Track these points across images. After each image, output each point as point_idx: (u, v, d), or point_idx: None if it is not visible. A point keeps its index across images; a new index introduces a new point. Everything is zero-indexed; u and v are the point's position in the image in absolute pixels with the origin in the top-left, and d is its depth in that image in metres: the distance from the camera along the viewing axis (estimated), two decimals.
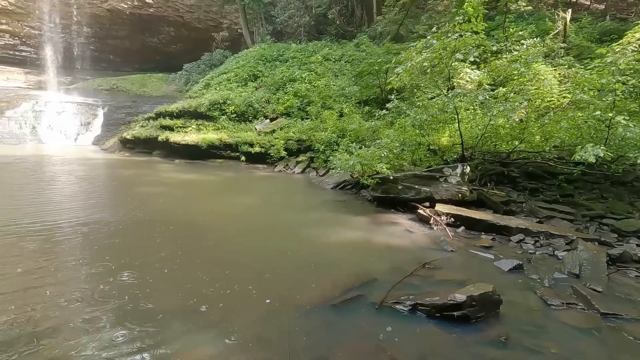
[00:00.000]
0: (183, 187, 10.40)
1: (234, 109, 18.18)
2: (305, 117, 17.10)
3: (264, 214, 7.63)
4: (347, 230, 6.40)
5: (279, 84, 19.61)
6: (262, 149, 15.53)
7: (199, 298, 3.66)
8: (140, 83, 31.61)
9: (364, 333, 3.19)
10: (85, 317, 3.20)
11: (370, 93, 16.28)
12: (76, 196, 8.62)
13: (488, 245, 5.58)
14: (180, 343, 2.90)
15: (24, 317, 3.15)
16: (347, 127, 13.55)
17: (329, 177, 11.71)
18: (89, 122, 24.83)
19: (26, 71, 31.38)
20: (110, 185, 10.97)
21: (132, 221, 6.36)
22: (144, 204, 7.86)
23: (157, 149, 18.33)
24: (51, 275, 4.06)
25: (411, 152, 9.87)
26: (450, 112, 9.14)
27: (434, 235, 6.17)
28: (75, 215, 6.58)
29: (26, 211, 6.65)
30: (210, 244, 5.42)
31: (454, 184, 7.61)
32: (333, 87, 17.97)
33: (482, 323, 3.39)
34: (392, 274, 4.41)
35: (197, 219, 6.82)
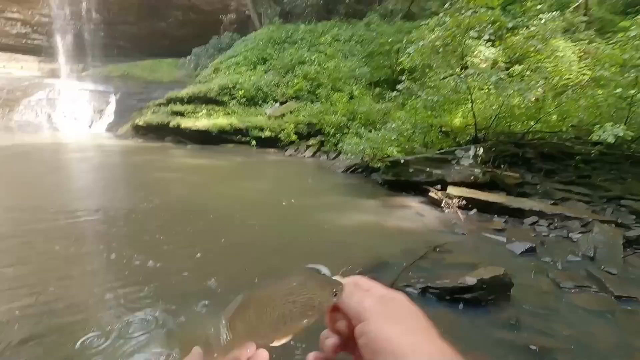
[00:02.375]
0: (196, 172, 10.53)
1: (243, 94, 18.11)
2: (315, 100, 16.92)
3: (276, 197, 7.69)
4: (358, 214, 6.42)
5: (288, 67, 19.37)
6: (272, 133, 15.52)
7: (216, 279, 3.76)
8: (150, 69, 31.64)
9: None
10: (109, 297, 3.33)
11: (381, 74, 15.96)
12: (94, 183, 8.84)
13: (500, 228, 5.54)
14: (195, 325, 3.00)
15: (53, 295, 3.30)
16: (357, 109, 13.39)
17: (339, 161, 11.67)
18: (102, 109, 25.14)
19: (39, 59, 31.71)
20: (126, 171, 11.19)
21: (149, 207, 6.50)
22: (159, 189, 8.02)
23: (169, 135, 18.50)
24: (76, 259, 4.21)
25: (423, 134, 9.72)
26: (463, 93, 8.92)
27: (446, 219, 6.14)
28: (94, 202, 6.76)
29: (47, 199, 6.86)
30: (224, 228, 5.51)
31: (466, 166, 7.50)
32: (343, 69, 17.65)
33: (493, 306, 3.40)
34: (403, 257, 4.43)
35: (211, 203, 6.93)
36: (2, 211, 5.87)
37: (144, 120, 19.64)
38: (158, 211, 6.26)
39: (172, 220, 5.83)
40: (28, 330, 2.83)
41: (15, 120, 21.75)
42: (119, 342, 2.70)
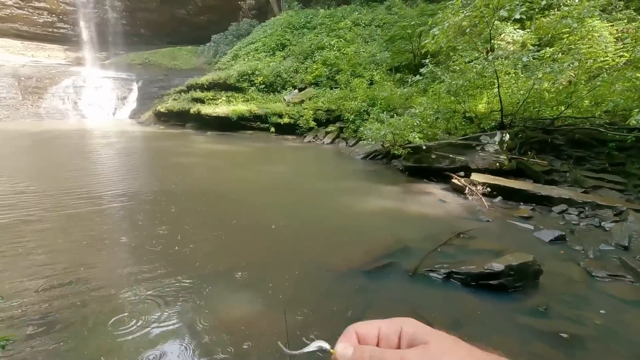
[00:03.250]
0: (216, 158, 10.66)
1: (262, 80, 18.09)
2: (334, 86, 16.73)
3: (295, 183, 7.70)
4: (379, 200, 6.36)
5: (307, 53, 19.16)
6: (291, 119, 15.50)
7: (236, 261, 3.81)
8: (170, 56, 32.02)
9: (397, 299, 3.21)
10: (132, 272, 3.43)
11: (402, 59, 15.55)
12: (119, 168, 9.08)
13: (527, 216, 5.36)
14: (219, 301, 3.06)
15: (80, 271, 3.43)
16: (377, 95, 13.14)
17: (359, 147, 11.56)
18: (125, 97, 25.72)
19: (65, 48, 32.58)
20: (149, 157, 11.45)
21: (171, 191, 6.64)
22: (180, 174, 8.17)
23: (190, 121, 18.78)
24: (103, 239, 4.36)
25: (445, 120, 9.47)
26: (489, 77, 8.57)
27: (469, 205, 6.00)
28: (119, 186, 6.95)
29: (75, 182, 7.11)
30: (244, 212, 5.57)
31: (491, 152, 7.27)
32: (363, 54, 17.31)
33: (520, 293, 3.31)
34: (425, 243, 4.36)
35: (232, 188, 7.02)
36: (35, 195, 6.12)
37: (165, 107, 19.98)
38: (180, 195, 6.39)
39: (193, 203, 5.94)
40: (61, 306, 2.96)
41: (44, 107, 22.54)
42: (144, 319, 2.78)
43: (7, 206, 5.37)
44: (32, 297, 3.02)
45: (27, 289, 3.14)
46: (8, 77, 22.99)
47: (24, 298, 2.99)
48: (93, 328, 2.65)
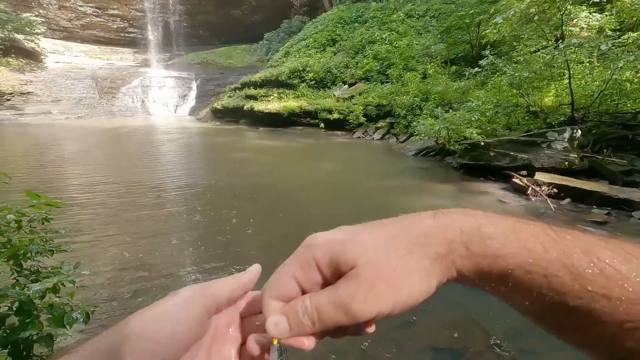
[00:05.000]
0: (268, 153, 11.02)
1: (312, 76, 18.28)
2: (385, 80, 16.40)
3: (344, 179, 7.71)
4: (431, 198, 6.14)
5: (357, 47, 18.98)
6: (340, 115, 15.50)
7: (286, 256, 3.92)
8: (226, 55, 33.56)
9: (451, 302, 3.09)
10: (194, 259, 3.69)
11: (459, 50, 14.78)
12: (180, 162, 9.77)
13: (601, 221, 4.86)
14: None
15: (146, 253, 3.77)
16: (431, 89, 12.65)
17: (410, 144, 11.24)
18: (185, 95, 27.46)
19: (134, 50, 35.61)
20: (207, 151, 12.15)
21: (227, 183, 7.00)
22: (235, 168, 8.57)
23: (243, 118, 19.58)
24: (166, 227, 4.74)
25: (506, 115, 8.85)
26: (558, 67, 7.85)
27: (532, 207, 5.57)
28: (179, 179, 7.48)
29: (143, 175, 7.78)
30: (295, 206, 5.70)
31: (559, 150, 6.66)
32: (416, 47, 16.75)
33: None
34: None
35: (283, 182, 7.21)
36: (109, 186, 6.81)
37: (221, 104, 21.02)
38: (234, 188, 6.70)
39: (246, 196, 6.20)
40: (131, 284, 3.27)
41: (117, 106, 24.85)
42: None
43: (88, 194, 6.04)
44: (108, 275, 3.38)
45: (103, 269, 3.52)
46: (88, 79, 25.69)
47: (101, 277, 3.35)
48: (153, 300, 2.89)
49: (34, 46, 25.68)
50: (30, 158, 9.49)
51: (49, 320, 1.77)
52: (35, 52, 25.85)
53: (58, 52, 30.37)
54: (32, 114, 20.90)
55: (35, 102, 21.81)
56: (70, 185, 6.82)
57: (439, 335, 2.68)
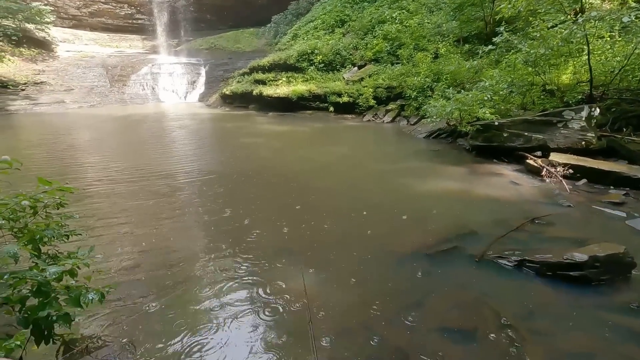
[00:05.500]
0: (278, 138, 11.00)
1: (321, 59, 17.98)
2: (395, 61, 16.03)
3: (355, 163, 7.66)
4: (443, 181, 6.07)
5: (367, 28, 18.51)
6: (350, 98, 15.28)
7: (300, 239, 3.96)
8: (234, 40, 33.18)
9: (462, 284, 3.09)
10: (206, 246, 3.76)
11: (472, 28, 14.27)
12: (192, 148, 9.83)
13: (619, 202, 4.73)
14: (281, 277, 3.21)
15: (162, 238, 3.85)
16: (443, 69, 12.31)
17: (421, 126, 11.06)
18: (195, 81, 27.41)
19: (143, 37, 35.50)
20: (217, 137, 12.20)
21: (238, 170, 7.04)
22: (246, 154, 8.60)
23: (252, 103, 19.50)
24: (178, 213, 4.81)
25: (521, 94, 8.57)
26: (577, 43, 7.52)
27: (546, 188, 5.46)
28: (190, 165, 7.55)
29: (154, 161, 7.88)
30: (307, 193, 5.70)
31: (576, 129, 6.46)
32: (427, 25, 16.23)
33: (607, 287, 2.98)
34: (493, 228, 4.10)
35: (293, 167, 7.21)
36: (122, 173, 6.92)
37: (230, 90, 20.93)
38: (245, 174, 6.73)
39: (257, 181, 6.23)
40: (146, 269, 3.35)
41: (127, 93, 25.00)
42: (212, 287, 3.04)
43: (101, 182, 6.16)
44: (123, 258, 3.47)
45: (118, 254, 3.61)
46: (99, 67, 25.83)
47: (116, 261, 3.45)
48: (172, 286, 2.97)
49: (45, 35, 25.84)
50: (45, 147, 9.69)
51: (66, 301, 1.84)
52: (46, 42, 26.03)
53: (68, 40, 30.51)
54: (47, 103, 21.23)
55: (49, 92, 22.11)
56: (84, 173, 6.96)
57: (449, 316, 2.69)
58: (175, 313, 2.69)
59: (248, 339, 2.42)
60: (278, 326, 2.55)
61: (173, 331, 2.48)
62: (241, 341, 2.40)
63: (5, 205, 2.05)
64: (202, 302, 2.82)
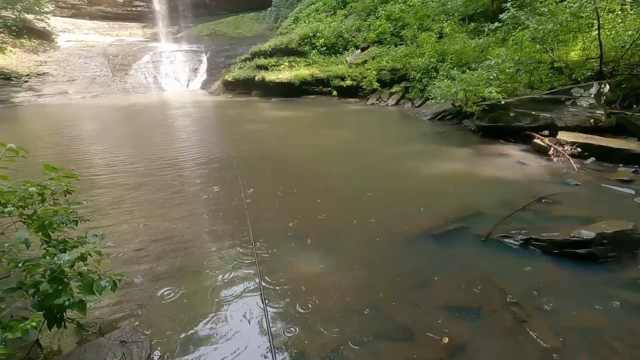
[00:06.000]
0: (281, 124, 10.95)
1: (323, 42, 17.67)
2: (399, 42, 15.71)
3: (360, 147, 7.62)
4: (448, 162, 6.03)
5: (369, 8, 18.09)
6: (353, 81, 15.08)
7: (306, 224, 3.98)
8: (234, 25, 32.69)
9: (468, 264, 3.10)
10: (213, 232, 3.80)
11: (478, 5, 13.88)
12: (195, 136, 9.83)
13: (627, 179, 4.67)
14: (290, 260, 3.25)
15: (170, 225, 3.90)
16: (448, 49, 12.05)
17: (425, 108, 10.92)
18: (196, 68, 27.20)
19: (142, 25, 35.07)
20: (220, 125, 12.17)
21: (242, 157, 7.03)
22: (249, 140, 8.58)
23: (255, 89, 19.34)
24: (183, 198, 4.86)
25: (529, 72, 8.39)
26: (587, 17, 7.29)
27: (554, 168, 5.40)
28: (196, 152, 7.57)
29: (158, 149, 7.91)
30: (312, 177, 5.70)
31: (585, 107, 6.33)
32: (431, 4, 15.82)
33: (614, 264, 2.97)
34: (500, 208, 4.08)
35: (298, 153, 7.20)
36: (127, 161, 6.96)
37: (232, 76, 20.76)
38: (249, 161, 6.74)
39: (262, 168, 6.24)
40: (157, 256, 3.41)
41: (130, 83, 24.93)
42: (219, 273, 3.09)
43: (109, 172, 6.21)
44: (132, 246, 3.52)
45: (126, 240, 3.67)
46: (100, 57, 25.70)
47: (125, 247, 3.50)
48: (180, 272, 3.03)
49: (45, 25, 25.67)
50: (50, 138, 9.76)
51: (79, 287, 1.88)
52: (46, 32, 25.88)
53: (68, 30, 30.27)
54: (50, 94, 21.27)
55: (52, 83, 22.12)
56: (90, 163, 7.01)
57: (455, 294, 2.71)
58: (184, 298, 2.74)
59: (251, 325, 2.47)
60: (282, 313, 2.59)
61: (182, 315, 2.54)
62: (245, 327, 2.45)
63: (13, 192, 2.08)
64: (210, 287, 2.87)
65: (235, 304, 2.65)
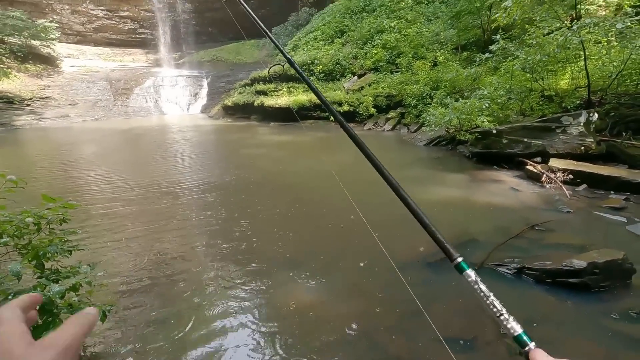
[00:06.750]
0: (279, 148, 11.08)
1: (321, 69, 18.18)
2: (395, 70, 16.19)
3: (355, 171, 7.63)
4: (443, 188, 6.09)
5: (366, 37, 18.74)
6: (350, 107, 15.41)
7: (300, 249, 3.99)
8: (235, 52, 33.67)
9: (462, 293, 3.09)
10: (209, 259, 3.79)
11: (470, 36, 14.42)
12: (194, 160, 9.92)
13: (619, 207, 4.73)
14: (284, 287, 3.24)
15: (164, 253, 3.89)
16: (441, 77, 12.42)
17: (421, 133, 11.11)
18: (197, 93, 27.74)
19: (146, 51, 36.08)
20: (220, 149, 12.31)
21: (241, 182, 7.09)
22: (248, 165, 8.67)
23: (254, 114, 19.68)
24: (181, 224, 4.86)
25: (520, 100, 8.63)
26: (574, 49, 7.59)
27: (546, 194, 5.47)
28: (194, 176, 7.63)
29: (157, 174, 7.96)
30: (308, 201, 5.75)
31: (575, 134, 6.49)
32: (426, 34, 16.42)
33: (607, 294, 2.98)
34: (493, 235, 4.11)
35: (295, 178, 7.27)
36: (125, 190, 7.00)
37: (232, 101, 21.16)
38: (247, 185, 6.79)
39: (259, 193, 6.28)
40: (149, 277, 3.39)
41: (131, 106, 25.33)
42: (215, 294, 3.07)
43: (105, 198, 6.23)
44: (127, 274, 3.50)
45: (121, 266, 3.65)
46: (102, 82, 26.25)
47: (119, 274, 3.48)
48: (175, 298, 3.00)
49: (50, 51, 26.36)
50: (48, 162, 9.83)
51: None
52: (51, 57, 26.53)
53: (73, 56, 31.07)
54: (51, 117, 21.54)
55: (54, 106, 22.46)
56: (87, 189, 7.04)
57: (449, 325, 2.70)
58: (179, 324, 2.72)
59: (246, 350, 2.44)
60: (275, 341, 2.57)
61: (177, 342, 2.51)
62: (240, 353, 2.43)
63: (10, 222, 2.11)
64: (204, 315, 2.85)
65: (230, 332, 2.63)
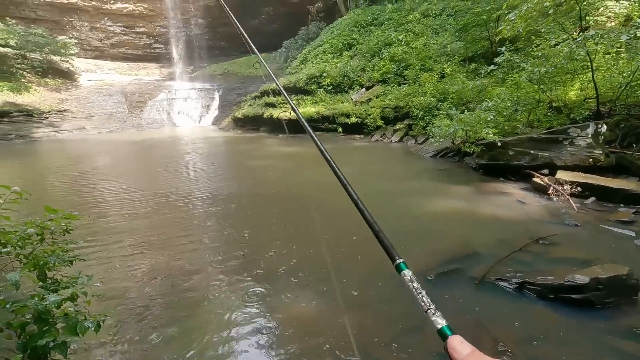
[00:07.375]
0: (287, 159, 11.19)
1: (330, 81, 18.39)
2: (402, 82, 16.26)
3: (362, 183, 7.70)
4: (448, 200, 6.05)
5: (374, 50, 18.94)
6: (358, 119, 15.50)
7: (303, 260, 4.00)
8: (246, 65, 34.33)
9: (461, 308, 3.06)
10: (216, 270, 3.83)
11: (477, 48, 14.44)
12: (204, 171, 10.09)
13: (628, 220, 4.62)
14: (285, 298, 3.25)
15: (172, 263, 3.95)
16: (448, 89, 12.42)
17: (428, 145, 11.08)
18: (208, 105, 28.33)
19: (160, 65, 37.16)
20: (230, 160, 12.50)
21: (248, 192, 7.18)
22: (256, 176, 8.78)
23: (263, 126, 19.96)
24: (190, 234, 4.93)
25: (527, 111, 8.56)
26: (581, 60, 7.53)
27: (553, 207, 5.37)
28: (204, 188, 7.74)
29: (169, 184, 8.11)
30: (312, 211, 5.76)
31: (582, 146, 6.38)
32: (433, 46, 16.51)
33: (612, 310, 2.90)
34: (497, 248, 4.05)
35: (301, 188, 7.32)
36: (136, 200, 7.15)
37: (242, 113, 21.53)
38: (255, 195, 6.87)
39: (267, 203, 6.33)
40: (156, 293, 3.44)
41: (144, 119, 25.98)
42: (219, 314, 3.10)
43: (116, 207, 6.38)
44: (128, 285, 3.56)
45: (126, 278, 3.72)
46: (118, 95, 27.06)
47: (120, 286, 3.55)
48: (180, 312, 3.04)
49: (69, 66, 27.38)
50: (64, 172, 10.11)
51: (63, 329, 1.93)
52: (70, 72, 27.54)
53: (90, 70, 32.18)
54: (68, 130, 22.24)
55: (71, 119, 23.21)
56: (97, 200, 7.21)
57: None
58: (183, 339, 2.75)
59: None
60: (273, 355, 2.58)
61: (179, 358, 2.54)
62: None
63: (14, 232, 2.19)
64: (209, 329, 2.87)
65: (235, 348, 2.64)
